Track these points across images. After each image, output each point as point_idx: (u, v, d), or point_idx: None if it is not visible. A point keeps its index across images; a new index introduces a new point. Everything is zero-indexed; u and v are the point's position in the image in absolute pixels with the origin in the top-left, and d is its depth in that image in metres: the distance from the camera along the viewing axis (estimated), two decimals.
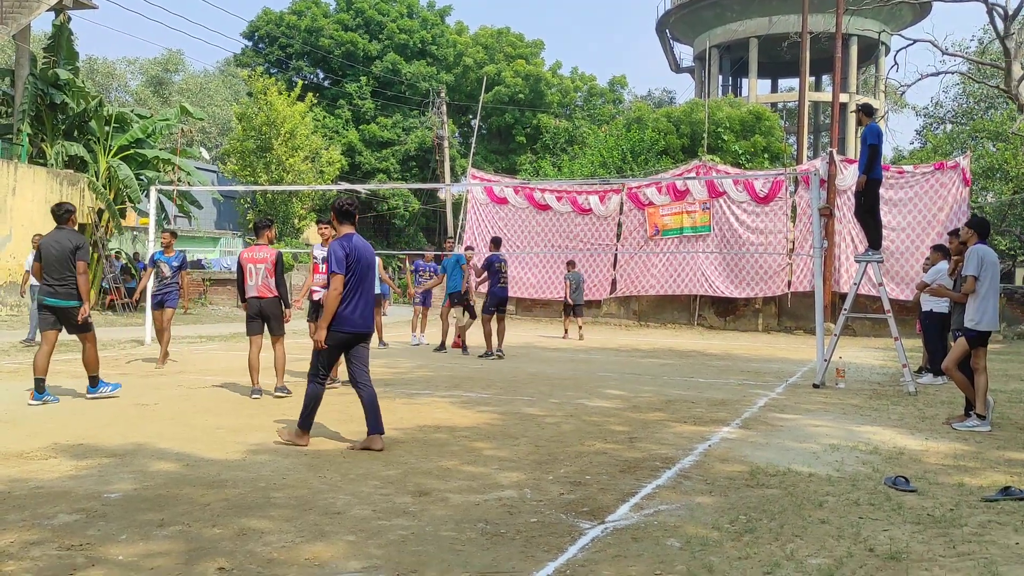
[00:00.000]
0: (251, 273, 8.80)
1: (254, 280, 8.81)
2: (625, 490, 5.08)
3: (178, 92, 55.61)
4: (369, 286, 6.31)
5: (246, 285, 8.84)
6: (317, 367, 6.28)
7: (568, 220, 24.93)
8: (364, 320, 6.29)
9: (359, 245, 6.26)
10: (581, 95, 51.11)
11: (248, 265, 8.81)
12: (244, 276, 8.83)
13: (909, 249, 21.11)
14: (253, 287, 8.82)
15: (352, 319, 6.19)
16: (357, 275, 6.18)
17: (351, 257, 6.13)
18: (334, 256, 6.10)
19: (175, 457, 5.72)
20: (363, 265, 6.22)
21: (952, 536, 4.25)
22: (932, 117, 47.87)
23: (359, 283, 6.20)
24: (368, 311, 6.33)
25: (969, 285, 7.58)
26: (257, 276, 8.81)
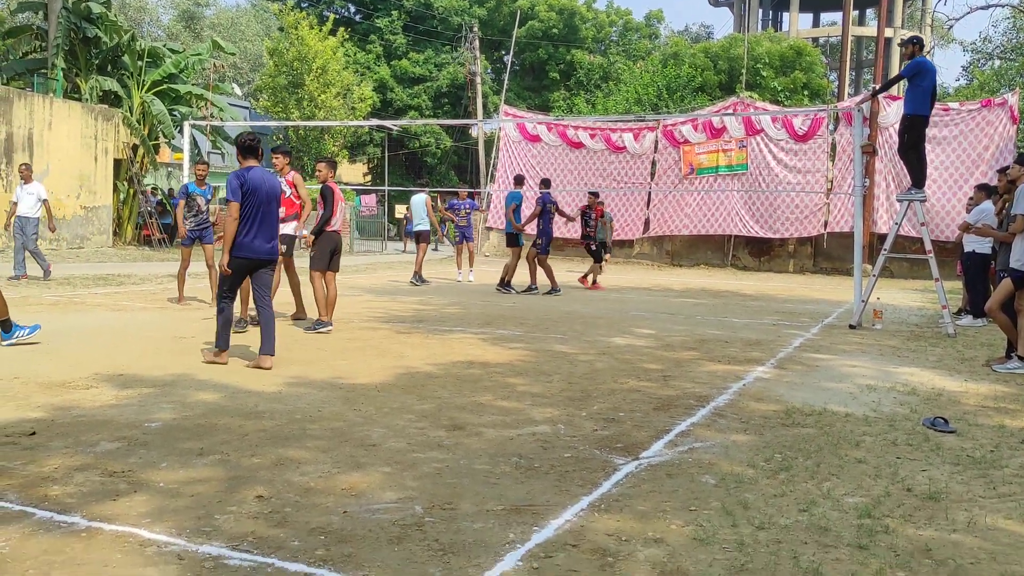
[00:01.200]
0: (341, 210, 9.05)
1: (340, 215, 9.08)
2: (659, 427, 5.07)
3: (209, 27, 55.27)
4: (268, 216, 6.72)
5: (333, 219, 8.89)
6: (223, 289, 6.81)
7: (602, 158, 24.63)
8: (263, 247, 6.72)
9: (256, 177, 6.68)
10: (616, 30, 50.03)
11: (340, 203, 8.99)
12: (334, 210, 8.85)
13: (953, 188, 20.62)
14: (339, 220, 9.07)
15: (251, 246, 6.65)
16: (253, 205, 6.62)
17: (246, 187, 6.59)
18: (230, 186, 6.60)
19: (213, 388, 5.80)
20: (261, 196, 6.65)
21: (992, 477, 4.19)
22: (980, 53, 46.24)
23: (256, 212, 6.63)
24: (266, 239, 6.72)
25: (1018, 224, 7.38)
26: (342, 211, 9.16)
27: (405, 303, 12.16)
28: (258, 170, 6.77)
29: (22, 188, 13.94)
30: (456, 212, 16.76)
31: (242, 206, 6.58)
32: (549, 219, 14.31)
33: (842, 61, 27.62)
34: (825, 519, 3.52)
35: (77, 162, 22.19)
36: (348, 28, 41.63)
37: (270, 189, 6.77)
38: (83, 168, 22.37)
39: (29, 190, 13.89)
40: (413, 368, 6.79)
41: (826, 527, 3.43)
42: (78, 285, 13.13)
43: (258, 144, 6.88)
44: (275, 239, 6.87)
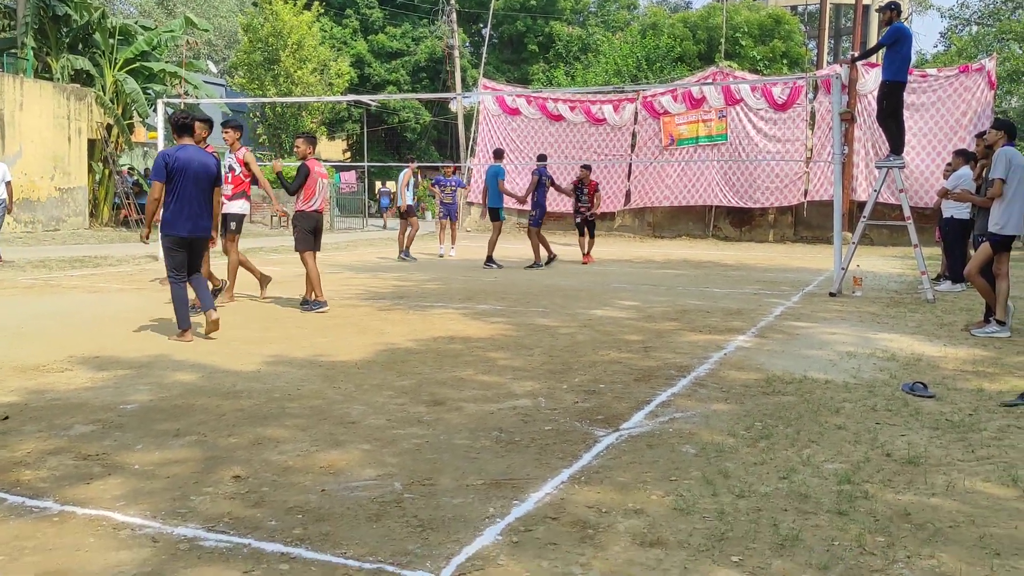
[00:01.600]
0: (320, 188, 8.75)
1: (321, 195, 8.79)
2: (640, 398, 5.06)
3: (183, 3, 54.35)
4: (199, 195, 6.80)
5: (312, 198, 8.67)
6: (170, 268, 6.89)
7: (582, 130, 24.52)
8: (191, 225, 6.81)
9: (185, 156, 6.73)
10: (595, 1, 49.64)
11: (319, 180, 8.74)
12: (310, 188, 8.63)
13: (931, 155, 20.67)
14: (318, 201, 8.78)
15: (177, 224, 6.76)
16: (181, 184, 6.69)
17: (171, 167, 6.65)
18: (155, 166, 6.75)
19: (191, 368, 5.73)
20: (189, 175, 6.72)
21: (971, 441, 4.21)
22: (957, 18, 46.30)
23: (184, 191, 6.71)
24: (194, 217, 6.80)
25: (996, 188, 7.39)
26: (324, 192, 8.86)
27: (386, 280, 12.09)
28: (190, 148, 6.85)
29: None
30: (442, 188, 16.65)
31: (171, 185, 6.68)
32: (544, 192, 14.55)
33: (821, 29, 27.52)
34: (805, 486, 3.53)
35: (50, 143, 21.85)
36: (323, 3, 41.04)
37: (200, 168, 6.81)
38: (56, 149, 22.03)
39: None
40: (393, 344, 6.75)
41: (806, 494, 3.43)
42: (54, 268, 12.96)
43: (192, 122, 7.02)
44: (205, 217, 6.94)
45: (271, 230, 27.33)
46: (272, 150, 34.62)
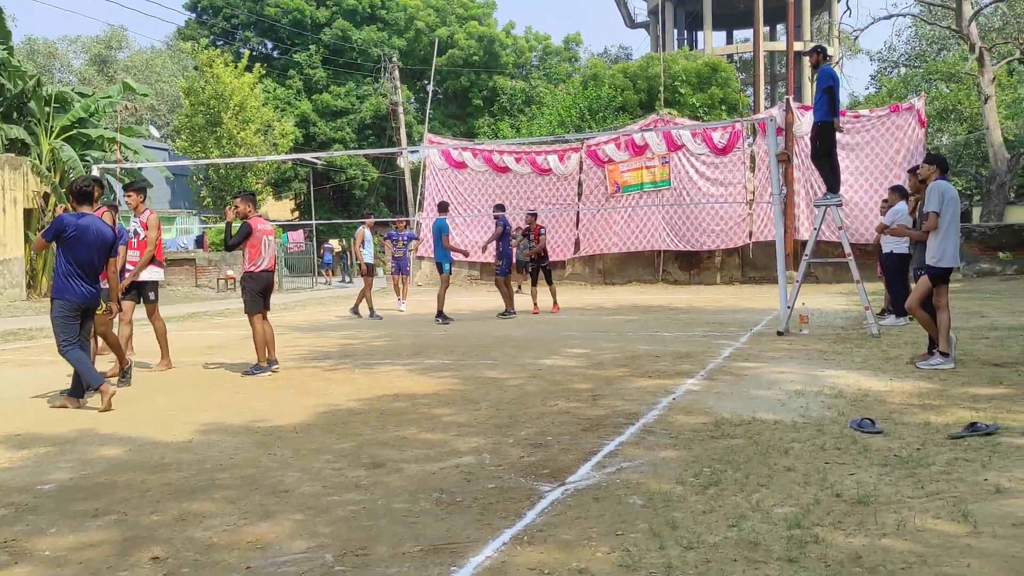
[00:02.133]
0: (266, 245, 8.53)
1: (267, 252, 8.55)
2: (587, 449, 4.92)
3: (123, 70, 54.10)
4: (92, 264, 6.72)
5: (259, 257, 8.46)
6: (62, 337, 6.68)
7: (528, 181, 24.67)
8: (86, 292, 6.70)
9: (85, 224, 6.69)
10: (536, 55, 50.59)
11: (264, 237, 8.51)
12: (255, 248, 8.43)
13: (868, 193, 21.16)
14: (266, 259, 8.54)
15: (74, 290, 6.64)
16: (76, 251, 6.61)
17: (67, 232, 6.59)
18: (50, 227, 6.73)
19: (118, 442, 5.46)
20: (86, 243, 6.64)
21: (920, 476, 4.14)
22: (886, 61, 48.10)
23: (80, 258, 6.63)
24: (89, 284, 6.71)
25: (931, 221, 7.49)
26: (270, 248, 8.64)
27: (333, 339, 11.85)
28: (89, 218, 6.80)
29: None
30: (394, 242, 16.52)
31: (66, 251, 6.62)
32: (508, 241, 14.69)
33: (756, 76, 28.30)
34: (754, 533, 3.41)
35: None
36: (266, 64, 41.17)
37: (97, 237, 6.74)
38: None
39: None
40: (336, 406, 6.54)
41: (755, 541, 3.31)
42: None
43: (92, 190, 6.95)
44: (97, 285, 6.86)
45: (217, 293, 26.84)
46: (217, 213, 34.23)
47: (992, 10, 36.64)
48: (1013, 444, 4.67)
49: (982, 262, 21.53)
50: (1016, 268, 21.17)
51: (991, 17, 38.14)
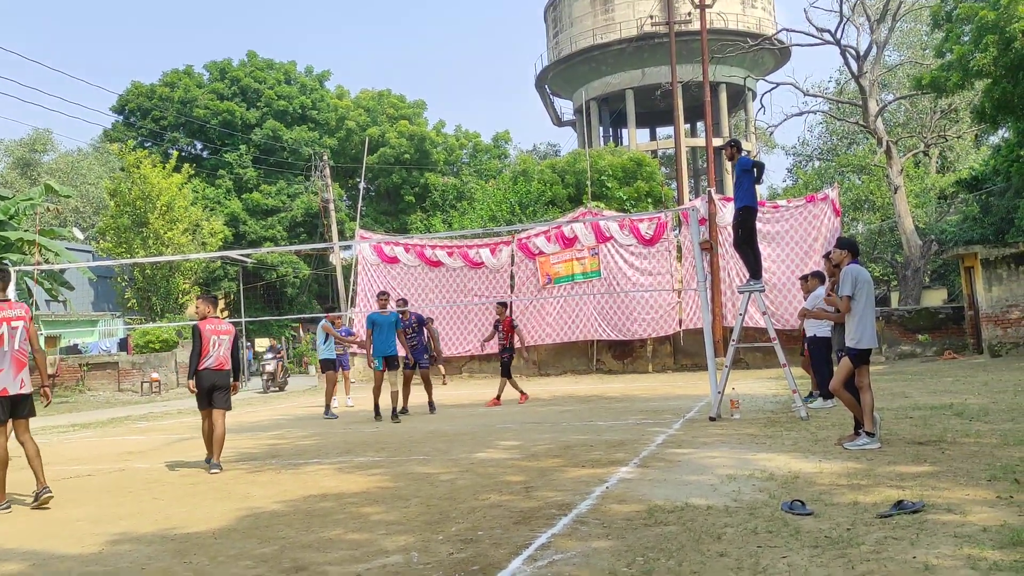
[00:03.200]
0: (214, 344, 8.56)
1: (216, 351, 8.57)
2: (519, 542, 4.79)
3: (47, 172, 53.26)
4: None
5: (205, 356, 8.50)
6: None
7: (461, 275, 24.79)
8: None
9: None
10: (467, 152, 51.67)
11: (212, 336, 8.56)
12: (204, 347, 8.50)
13: (790, 279, 21.78)
14: (214, 358, 8.56)
15: None
16: None
17: None
18: None
19: (22, 557, 5.12)
20: None
21: (850, 556, 4.13)
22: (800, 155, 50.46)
23: None
24: None
25: (844, 305, 7.71)
26: (220, 348, 8.61)
27: (259, 439, 11.48)
28: None
29: None
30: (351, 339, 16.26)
31: None
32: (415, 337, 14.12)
33: (679, 170, 29.35)
34: None
35: None
36: (195, 164, 41.06)
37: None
38: None
39: None
40: (258, 508, 6.27)
41: None
42: None
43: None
44: None
45: (141, 397, 25.94)
46: (142, 314, 33.41)
47: (896, 106, 38.99)
48: (939, 521, 4.71)
49: (902, 344, 22.22)
50: (935, 350, 21.89)
51: (895, 113, 40.54)
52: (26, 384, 6.86)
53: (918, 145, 34.91)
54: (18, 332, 6.81)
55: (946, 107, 32.84)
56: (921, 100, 34.12)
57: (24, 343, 6.86)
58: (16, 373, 6.76)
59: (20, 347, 6.82)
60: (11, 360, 6.74)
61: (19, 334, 6.81)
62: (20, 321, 6.83)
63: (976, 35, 18.80)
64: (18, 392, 6.77)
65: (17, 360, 6.78)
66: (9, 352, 6.74)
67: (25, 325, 6.88)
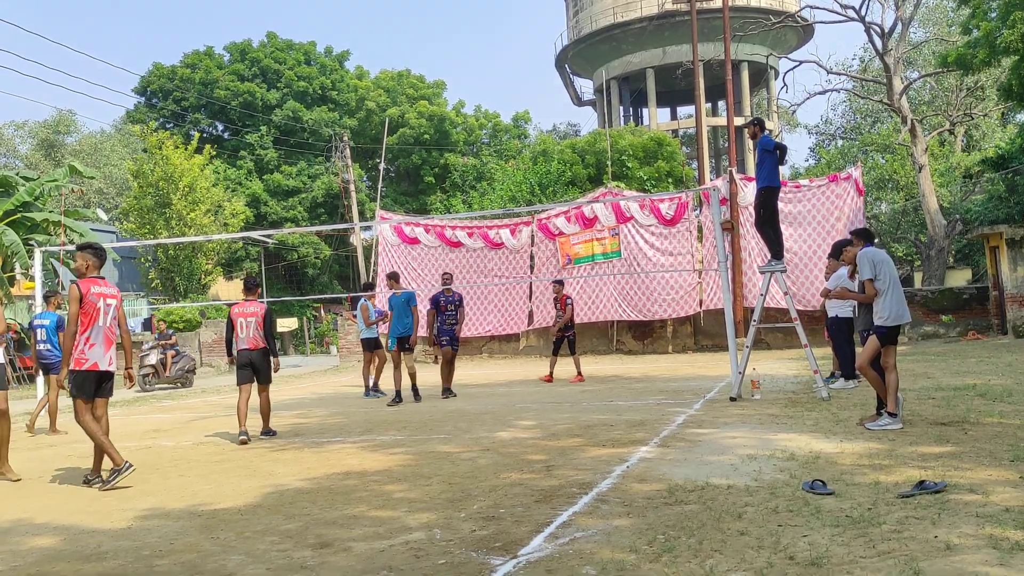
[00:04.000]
0: (242, 326, 9.29)
1: (245, 333, 9.29)
2: (540, 520, 4.84)
3: (71, 154, 53.69)
4: None
5: (236, 338, 9.32)
6: None
7: (481, 255, 24.81)
8: None
9: None
10: (486, 132, 51.49)
11: (239, 319, 9.31)
12: (235, 329, 9.33)
13: (812, 260, 21.64)
14: (244, 339, 9.29)
15: None
16: None
17: None
18: None
19: (53, 531, 5.23)
20: None
21: (871, 535, 4.14)
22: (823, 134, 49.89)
23: None
24: None
25: (869, 289, 7.67)
26: (248, 329, 9.30)
27: (284, 418, 11.59)
28: None
29: None
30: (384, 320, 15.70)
31: None
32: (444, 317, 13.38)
33: (699, 149, 29.11)
34: None
35: None
36: (216, 145, 41.27)
37: None
38: None
39: None
40: (282, 485, 6.36)
41: None
42: None
43: None
44: None
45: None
46: (166, 294, 33.73)
47: (921, 84, 38.44)
48: (961, 501, 4.70)
49: (926, 325, 22.04)
50: (959, 331, 21.70)
51: (920, 91, 39.96)
52: (113, 363, 7.06)
53: (943, 123, 34.37)
54: (111, 311, 7.04)
55: (972, 85, 32.34)
56: (947, 78, 33.61)
57: (114, 322, 7.08)
58: (106, 350, 6.94)
59: (111, 325, 7.02)
60: (103, 337, 6.93)
61: (112, 312, 7.03)
62: (114, 300, 7.07)
63: (1004, 11, 18.47)
64: (106, 369, 6.95)
65: (107, 338, 6.98)
66: (103, 329, 6.93)
67: (117, 305, 7.12)
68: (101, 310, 6.90)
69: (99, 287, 6.95)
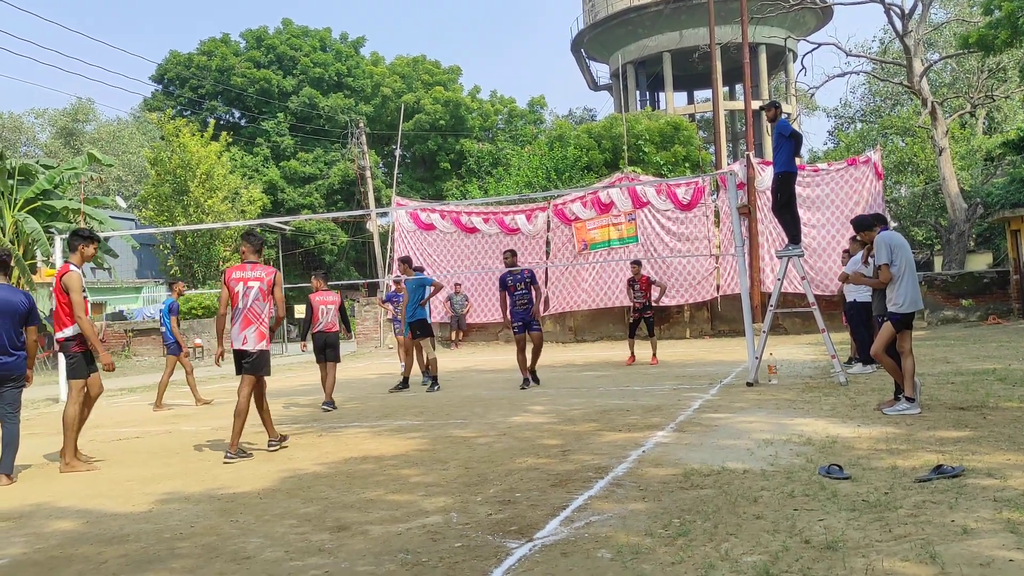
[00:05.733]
0: (323, 312, 10.92)
1: (324, 317, 10.89)
2: (556, 504, 4.86)
3: (90, 142, 54.07)
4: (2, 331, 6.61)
5: (316, 322, 10.85)
6: None
7: (496, 241, 24.81)
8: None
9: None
10: (502, 118, 51.36)
11: (320, 306, 10.93)
12: (315, 314, 10.86)
13: (830, 245, 21.50)
14: (323, 323, 10.86)
15: None
16: None
17: None
18: None
19: (75, 515, 5.31)
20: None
21: (887, 520, 4.13)
22: (842, 117, 49.41)
23: None
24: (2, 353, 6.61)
25: (884, 273, 7.61)
26: (328, 314, 10.93)
27: (300, 403, 11.69)
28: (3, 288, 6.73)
29: None
30: (396, 304, 15.28)
31: None
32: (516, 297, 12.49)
33: (716, 133, 28.91)
34: None
35: None
36: (233, 133, 41.41)
37: (7, 306, 6.64)
38: None
39: None
40: (300, 470, 6.42)
41: None
42: None
43: (8, 260, 6.96)
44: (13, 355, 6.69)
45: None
46: (185, 281, 33.98)
47: (942, 66, 37.98)
48: (979, 485, 4.68)
49: (945, 310, 21.87)
50: (979, 315, 21.52)
51: (941, 73, 39.50)
52: (248, 342, 7.35)
53: (964, 105, 33.93)
54: (252, 292, 7.36)
55: (994, 66, 31.90)
56: (968, 59, 33.18)
57: (256, 303, 7.37)
58: (242, 330, 7.34)
59: (251, 306, 7.36)
60: (242, 318, 7.34)
61: (253, 294, 7.36)
62: (256, 283, 7.40)
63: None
64: (240, 348, 7.36)
65: (246, 319, 7.35)
66: (242, 310, 7.33)
67: (260, 287, 7.40)
68: (240, 293, 7.34)
69: (242, 272, 7.41)
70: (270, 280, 7.46)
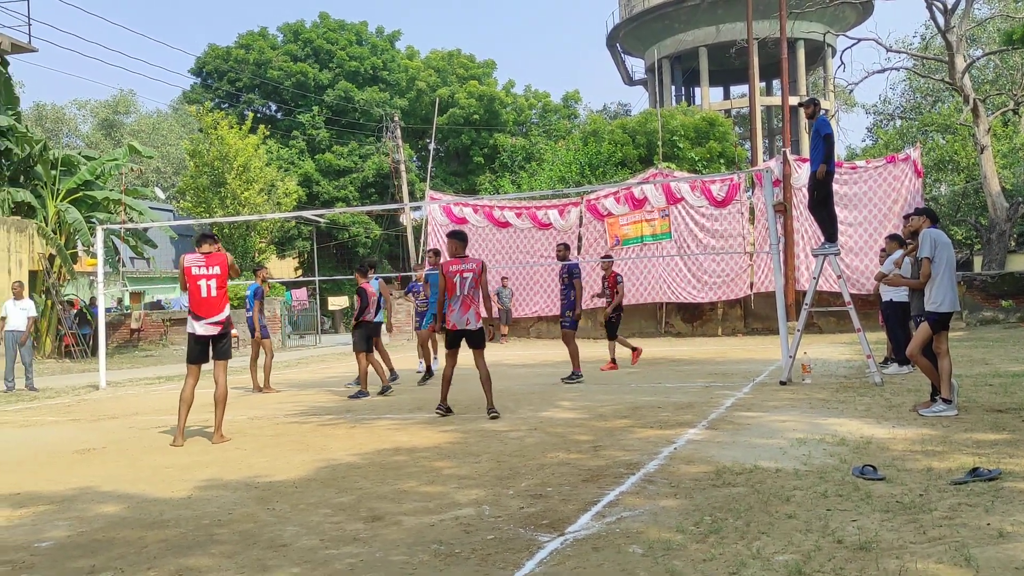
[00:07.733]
0: (374, 303, 11.77)
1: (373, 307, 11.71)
2: (587, 499, 4.89)
3: (130, 133, 54.94)
4: None
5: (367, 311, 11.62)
6: None
7: (529, 236, 24.84)
8: None
9: None
10: (536, 112, 51.24)
11: (372, 298, 11.72)
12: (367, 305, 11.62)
13: (868, 243, 21.25)
14: (371, 312, 11.67)
15: None
16: None
17: None
18: None
19: (117, 499, 5.44)
20: None
21: (922, 522, 4.11)
22: (881, 114, 48.67)
23: None
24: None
25: (925, 267, 7.53)
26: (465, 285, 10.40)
27: (334, 394, 11.83)
28: None
29: (14, 304, 14.44)
30: (416, 296, 15.04)
31: None
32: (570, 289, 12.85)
33: (752, 129, 28.65)
34: None
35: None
36: (269, 125, 41.79)
37: None
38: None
39: (21, 306, 14.50)
40: (335, 460, 6.51)
41: None
42: None
43: None
44: None
45: None
46: None
47: (985, 62, 37.27)
48: (1016, 489, 4.64)
49: (984, 310, 21.51)
50: (1019, 316, 21.13)
51: (984, 69, 38.75)
52: (471, 323, 8.75)
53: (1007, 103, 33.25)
54: (467, 281, 8.77)
55: None
56: (1012, 56, 32.52)
57: (472, 289, 8.75)
58: (463, 312, 8.71)
59: (468, 293, 8.74)
60: (461, 302, 8.71)
61: (468, 283, 8.76)
62: (470, 273, 8.78)
63: None
64: (463, 328, 8.74)
65: (465, 302, 8.71)
66: (460, 296, 8.71)
67: (474, 277, 8.77)
68: (457, 284, 8.73)
69: (457, 265, 8.82)
70: (480, 269, 8.81)
